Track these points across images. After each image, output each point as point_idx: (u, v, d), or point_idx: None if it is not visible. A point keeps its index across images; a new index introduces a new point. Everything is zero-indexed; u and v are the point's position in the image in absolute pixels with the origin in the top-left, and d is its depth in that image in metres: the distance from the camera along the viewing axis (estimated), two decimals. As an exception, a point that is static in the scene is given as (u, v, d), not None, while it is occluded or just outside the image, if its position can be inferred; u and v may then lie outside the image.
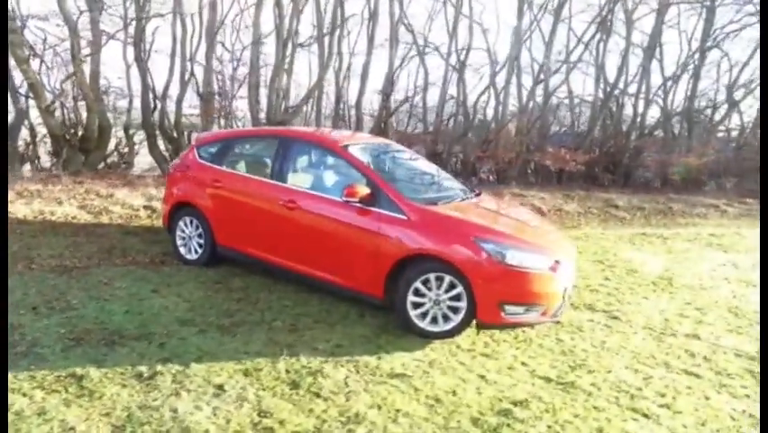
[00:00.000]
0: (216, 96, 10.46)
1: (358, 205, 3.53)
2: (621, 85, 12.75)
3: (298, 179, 3.99)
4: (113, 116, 9.54)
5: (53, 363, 2.65)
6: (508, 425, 2.40)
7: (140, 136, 9.58)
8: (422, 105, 12.66)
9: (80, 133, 8.68)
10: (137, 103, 9.59)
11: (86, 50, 8.47)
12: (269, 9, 10.09)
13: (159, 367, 2.68)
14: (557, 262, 3.34)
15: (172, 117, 9.77)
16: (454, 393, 2.65)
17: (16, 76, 8.12)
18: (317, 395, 2.53)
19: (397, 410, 2.45)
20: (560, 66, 12.62)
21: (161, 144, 9.51)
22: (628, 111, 13.27)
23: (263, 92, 10.72)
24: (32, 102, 8.32)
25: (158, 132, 9.46)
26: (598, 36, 12.44)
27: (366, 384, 2.67)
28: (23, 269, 4.07)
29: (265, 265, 4.10)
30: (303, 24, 10.99)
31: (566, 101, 13.30)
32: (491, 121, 12.75)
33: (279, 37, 10.33)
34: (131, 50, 9.31)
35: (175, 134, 9.67)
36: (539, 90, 12.54)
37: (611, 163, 12.84)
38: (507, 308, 3.18)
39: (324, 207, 3.70)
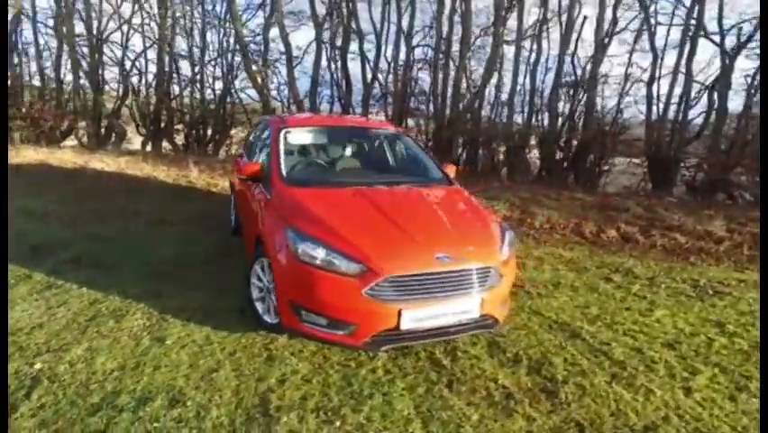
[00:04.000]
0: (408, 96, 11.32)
1: (257, 184, 3.56)
2: None
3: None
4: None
5: (39, 263, 3.96)
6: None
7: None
8: (645, 97, 9.88)
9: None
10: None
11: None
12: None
13: (68, 285, 3.60)
14: (373, 272, 2.49)
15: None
16: (147, 367, 2.51)
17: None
18: (85, 329, 2.91)
19: (91, 358, 2.57)
20: None
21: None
22: None
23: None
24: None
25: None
26: None
27: (128, 337, 2.84)
28: (139, 222, 5.82)
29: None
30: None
31: None
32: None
33: (466, 35, 10.25)
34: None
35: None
36: None
37: None
38: (303, 313, 2.64)
39: (247, 183, 3.87)
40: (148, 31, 12.17)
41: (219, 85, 12.75)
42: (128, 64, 12.54)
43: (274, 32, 10.76)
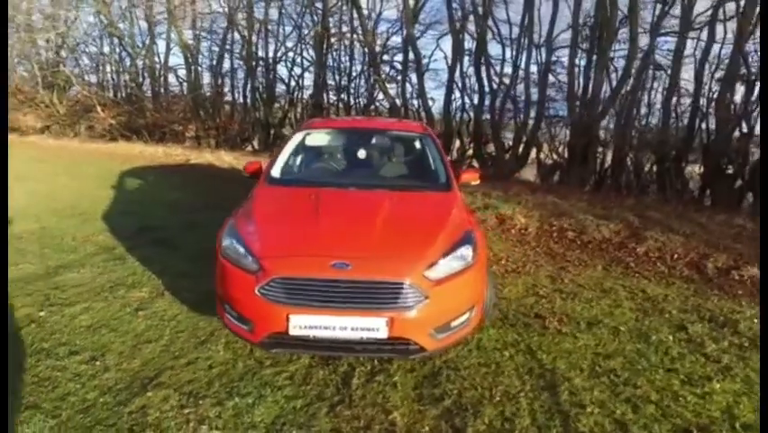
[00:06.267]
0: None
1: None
2: None
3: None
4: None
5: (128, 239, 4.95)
6: None
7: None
8: None
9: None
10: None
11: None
12: None
13: (131, 259, 4.44)
14: (264, 271, 2.44)
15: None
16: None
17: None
18: (100, 293, 3.56)
19: (79, 315, 3.14)
20: None
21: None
22: None
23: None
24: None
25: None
26: None
27: (119, 305, 3.37)
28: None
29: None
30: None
31: None
32: None
33: (608, 30, 8.93)
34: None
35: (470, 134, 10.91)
36: None
37: None
38: (226, 306, 2.75)
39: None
40: (305, 52, 14.05)
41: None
42: (292, 82, 14.61)
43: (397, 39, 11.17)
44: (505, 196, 7.78)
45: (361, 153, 3.96)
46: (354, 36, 13.01)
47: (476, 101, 11.21)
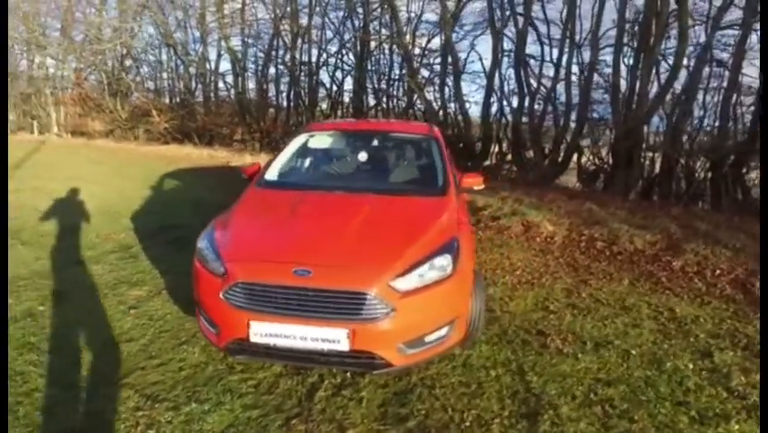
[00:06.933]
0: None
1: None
2: None
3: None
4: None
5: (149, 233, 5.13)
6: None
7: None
8: None
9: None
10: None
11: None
12: None
13: (143, 257, 4.58)
14: (229, 275, 2.38)
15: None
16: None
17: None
18: (102, 289, 3.67)
19: (74, 309, 3.23)
20: None
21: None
22: None
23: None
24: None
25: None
26: None
27: (116, 302, 3.46)
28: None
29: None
30: None
31: None
32: None
33: (657, 25, 8.30)
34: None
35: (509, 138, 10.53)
36: None
37: None
38: (200, 309, 2.72)
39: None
40: (346, 57, 14.21)
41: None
42: (333, 87, 14.82)
43: (437, 42, 10.95)
44: (538, 202, 7.36)
45: (361, 156, 3.84)
46: (393, 40, 12.96)
47: (515, 104, 10.77)
